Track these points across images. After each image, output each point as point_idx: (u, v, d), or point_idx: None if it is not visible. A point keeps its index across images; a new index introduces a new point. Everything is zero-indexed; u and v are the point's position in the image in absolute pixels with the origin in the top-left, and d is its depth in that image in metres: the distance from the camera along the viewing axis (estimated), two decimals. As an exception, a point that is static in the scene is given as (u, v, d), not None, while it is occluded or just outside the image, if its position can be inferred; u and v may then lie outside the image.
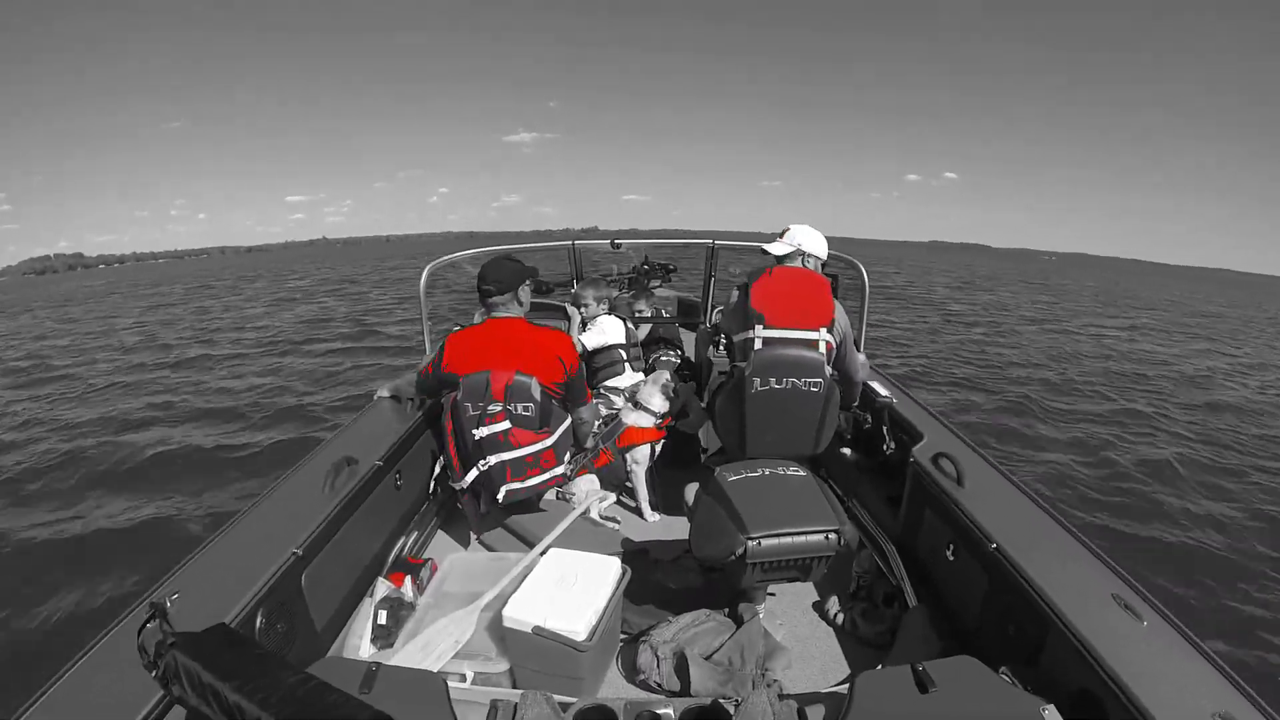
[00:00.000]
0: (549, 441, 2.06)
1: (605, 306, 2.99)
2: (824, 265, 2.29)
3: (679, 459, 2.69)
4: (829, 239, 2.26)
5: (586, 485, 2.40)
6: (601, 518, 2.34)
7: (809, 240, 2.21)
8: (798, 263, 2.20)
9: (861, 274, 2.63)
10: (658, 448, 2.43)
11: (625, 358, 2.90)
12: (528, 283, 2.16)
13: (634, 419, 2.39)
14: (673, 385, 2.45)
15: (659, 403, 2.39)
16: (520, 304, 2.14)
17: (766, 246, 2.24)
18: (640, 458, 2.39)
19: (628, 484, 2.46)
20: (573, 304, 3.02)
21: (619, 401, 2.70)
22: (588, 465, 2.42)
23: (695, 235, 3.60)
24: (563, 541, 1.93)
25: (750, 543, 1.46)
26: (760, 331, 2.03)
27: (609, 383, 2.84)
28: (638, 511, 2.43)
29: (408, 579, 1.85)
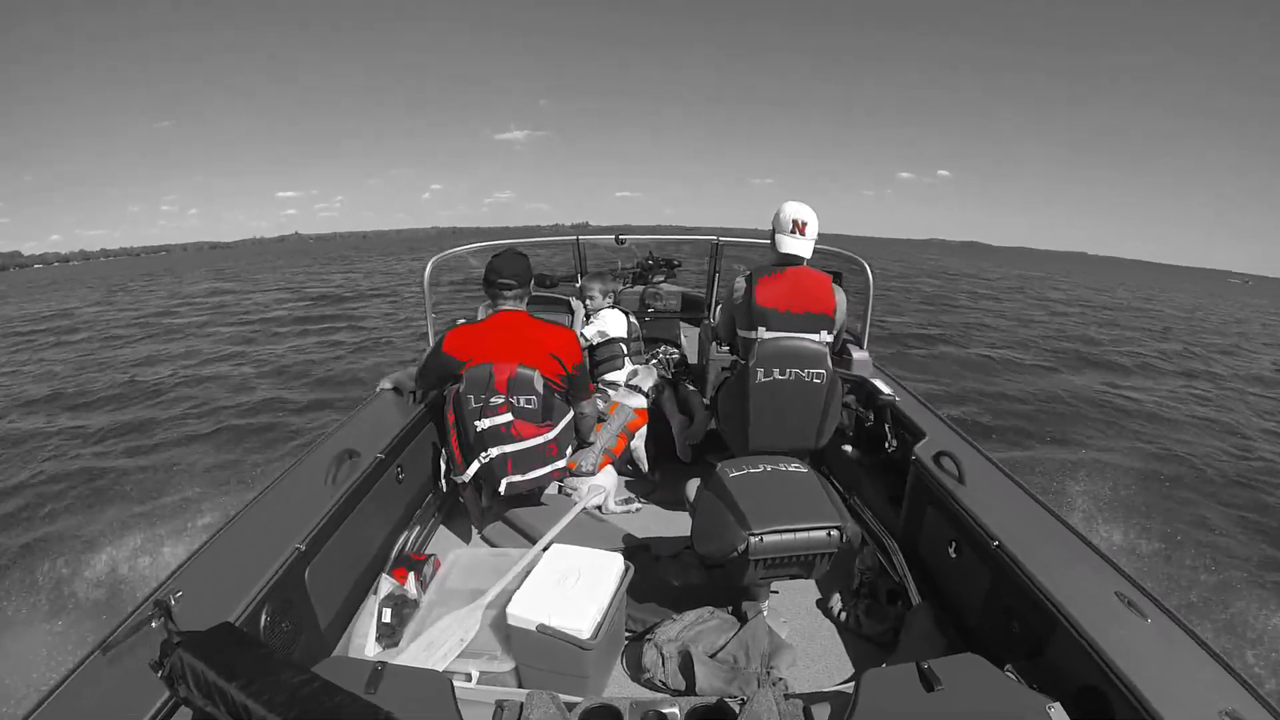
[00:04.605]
0: (551, 435, 2.06)
1: (610, 300, 2.99)
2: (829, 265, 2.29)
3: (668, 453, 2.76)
4: (826, 236, 2.23)
5: (607, 478, 2.45)
6: (616, 505, 2.44)
7: (817, 227, 2.10)
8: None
9: (866, 273, 2.64)
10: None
11: (626, 352, 2.90)
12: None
13: (635, 401, 2.61)
14: (658, 370, 2.79)
15: (649, 385, 2.73)
16: (525, 299, 2.14)
17: (796, 250, 2.08)
18: (642, 433, 2.68)
19: (628, 465, 2.71)
20: (579, 295, 3.03)
21: (615, 394, 2.73)
22: (611, 456, 2.49)
23: (688, 232, 3.62)
24: (564, 537, 1.92)
25: (753, 539, 1.45)
26: (764, 334, 2.05)
27: (608, 376, 2.84)
28: (633, 499, 2.55)
29: (411, 575, 1.84)
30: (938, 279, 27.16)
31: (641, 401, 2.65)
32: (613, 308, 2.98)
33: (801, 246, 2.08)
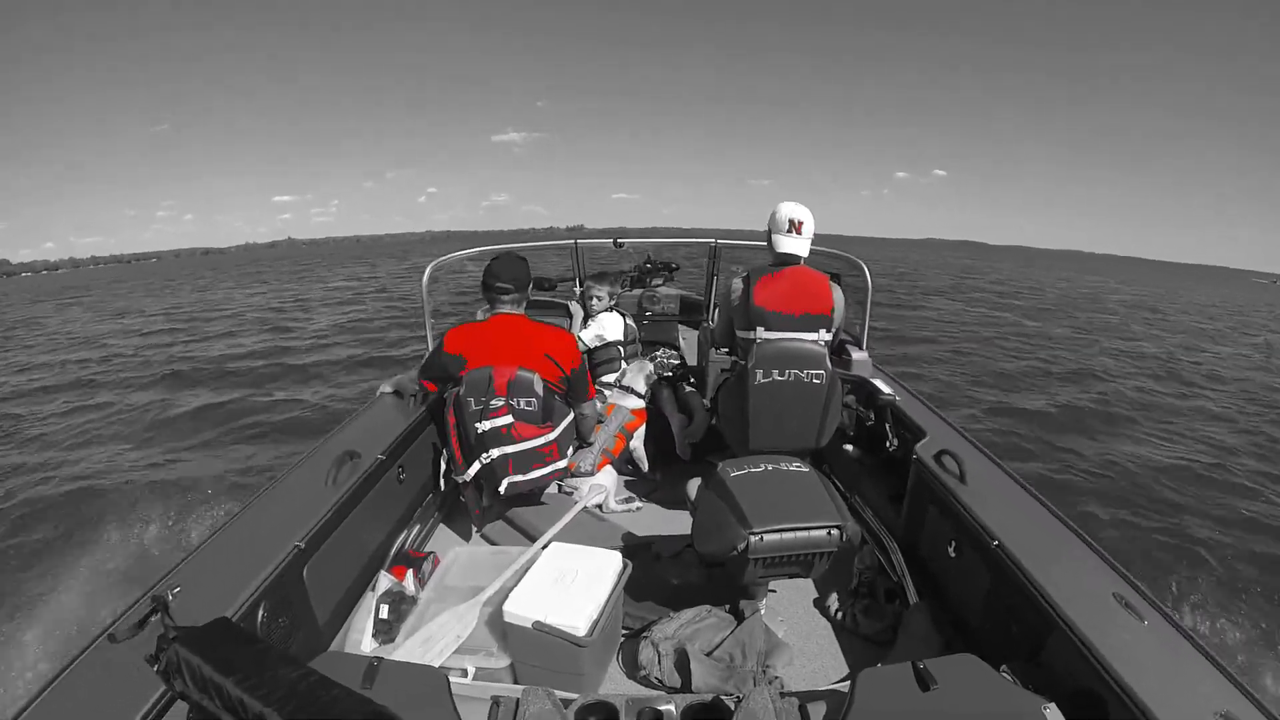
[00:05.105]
0: (551, 436, 2.06)
1: (612, 302, 3.00)
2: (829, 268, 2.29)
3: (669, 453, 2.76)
4: (822, 236, 2.24)
5: (606, 478, 2.46)
6: (617, 504, 2.44)
7: (813, 226, 2.11)
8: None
9: (865, 273, 2.64)
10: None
11: (622, 355, 2.91)
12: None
13: (631, 403, 2.61)
14: (652, 371, 2.76)
15: (642, 384, 2.69)
16: (524, 303, 2.15)
17: (793, 249, 2.09)
18: (640, 433, 2.67)
19: (628, 464, 2.70)
20: (584, 296, 3.03)
21: (610, 395, 2.74)
22: (610, 456, 2.49)
23: (686, 234, 3.61)
24: (564, 536, 1.93)
25: (753, 538, 1.45)
26: (762, 334, 2.05)
27: (604, 379, 2.86)
28: (633, 498, 2.55)
29: (409, 572, 1.85)
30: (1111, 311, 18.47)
31: (637, 402, 2.66)
32: (611, 310, 2.99)
33: (798, 245, 2.09)
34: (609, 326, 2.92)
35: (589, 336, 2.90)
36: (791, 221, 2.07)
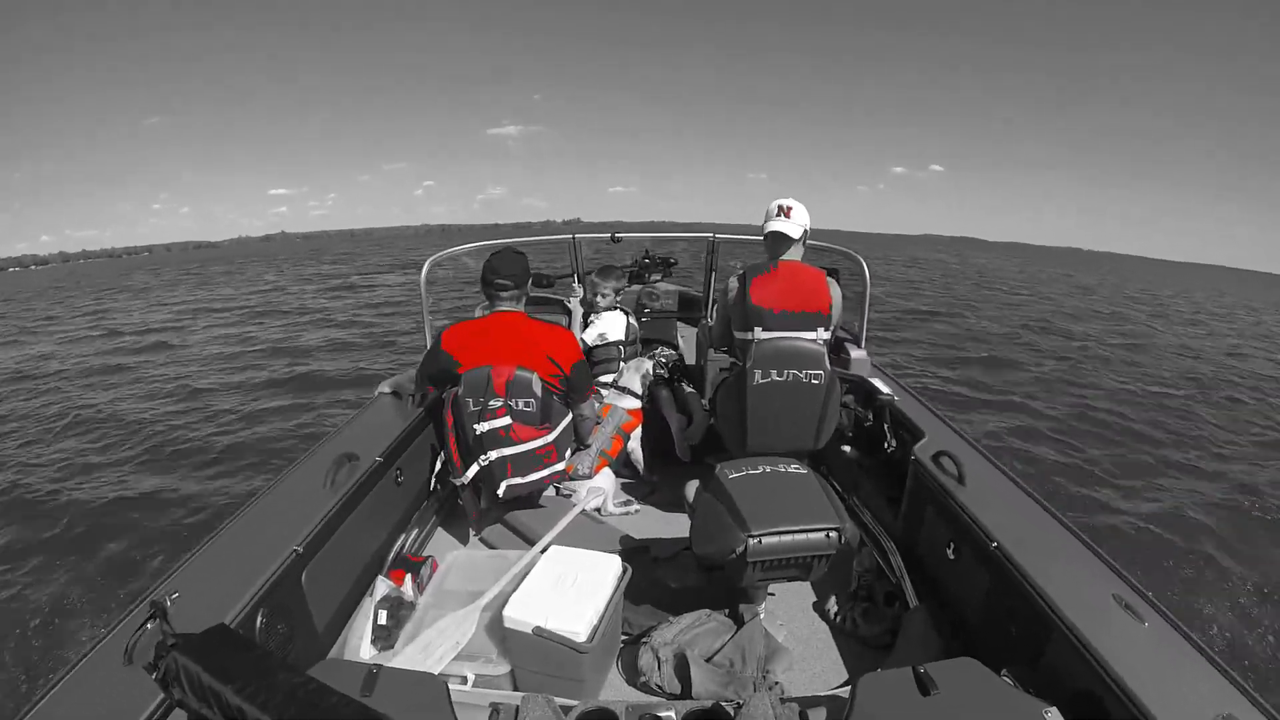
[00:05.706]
0: (550, 437, 2.05)
1: (618, 299, 2.99)
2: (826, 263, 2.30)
3: (669, 454, 2.76)
4: (818, 231, 2.26)
5: (604, 480, 2.45)
6: (615, 507, 2.44)
7: (805, 216, 2.16)
8: (799, 250, 2.17)
9: (863, 268, 2.63)
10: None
11: (621, 354, 2.90)
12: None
13: (627, 403, 2.61)
14: (650, 369, 2.76)
15: (638, 384, 2.69)
16: (523, 300, 2.14)
17: (781, 228, 2.11)
18: (637, 434, 2.67)
19: (625, 466, 2.70)
20: (590, 294, 3.00)
21: (607, 396, 2.73)
22: (607, 458, 2.49)
23: (684, 228, 3.56)
24: (562, 539, 1.92)
25: (751, 541, 1.45)
26: (760, 334, 2.05)
27: (602, 378, 2.84)
28: (631, 500, 2.55)
29: (408, 577, 1.84)
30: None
31: (634, 403, 2.64)
32: (613, 308, 2.97)
33: (788, 226, 2.12)
34: (612, 325, 2.90)
35: (591, 335, 2.87)
36: (781, 207, 2.14)
